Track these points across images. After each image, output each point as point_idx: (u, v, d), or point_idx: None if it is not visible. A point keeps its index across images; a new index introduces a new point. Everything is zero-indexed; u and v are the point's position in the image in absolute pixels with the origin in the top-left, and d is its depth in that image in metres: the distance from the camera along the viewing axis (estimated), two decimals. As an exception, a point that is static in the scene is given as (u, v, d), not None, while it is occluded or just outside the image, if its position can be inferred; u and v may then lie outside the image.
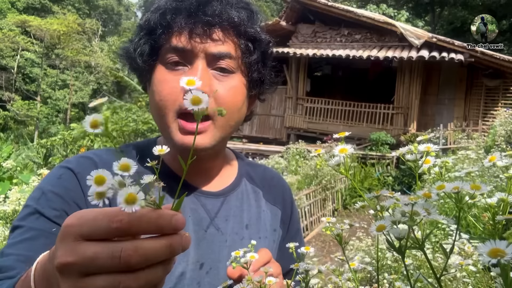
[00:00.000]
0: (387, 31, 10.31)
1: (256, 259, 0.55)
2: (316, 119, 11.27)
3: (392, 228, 0.35)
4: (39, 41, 22.47)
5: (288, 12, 11.46)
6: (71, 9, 27.63)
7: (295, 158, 8.14)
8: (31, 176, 6.26)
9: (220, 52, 0.64)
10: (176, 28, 0.63)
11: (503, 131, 6.45)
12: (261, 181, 0.83)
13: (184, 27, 0.63)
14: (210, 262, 0.69)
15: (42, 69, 23.28)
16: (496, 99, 10.22)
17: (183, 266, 0.66)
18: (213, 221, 0.71)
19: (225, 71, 0.65)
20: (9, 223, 4.13)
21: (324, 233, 5.90)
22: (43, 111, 22.02)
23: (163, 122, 0.65)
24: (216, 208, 0.72)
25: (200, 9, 0.63)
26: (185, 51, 0.64)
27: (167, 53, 0.65)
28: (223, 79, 0.65)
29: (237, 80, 0.67)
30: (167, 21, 0.63)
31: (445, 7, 21.19)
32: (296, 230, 0.88)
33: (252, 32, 0.67)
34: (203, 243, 0.70)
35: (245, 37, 0.66)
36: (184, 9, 0.63)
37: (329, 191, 6.46)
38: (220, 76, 0.65)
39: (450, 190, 0.35)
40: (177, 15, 0.63)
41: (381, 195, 0.44)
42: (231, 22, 0.64)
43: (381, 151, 9.25)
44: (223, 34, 0.64)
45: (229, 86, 0.66)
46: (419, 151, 0.42)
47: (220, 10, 0.63)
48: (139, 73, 0.71)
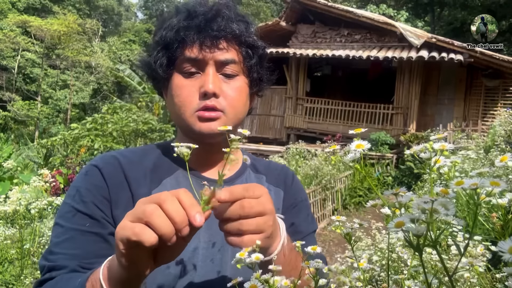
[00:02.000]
0: (387, 32, 10.32)
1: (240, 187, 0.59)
2: (316, 119, 11.29)
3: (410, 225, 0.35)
4: (40, 41, 22.49)
5: (288, 12, 11.48)
6: (72, 10, 27.66)
7: (295, 158, 8.16)
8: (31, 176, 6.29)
9: (226, 59, 0.79)
10: (189, 42, 0.77)
11: (502, 131, 6.47)
12: (264, 169, 0.95)
13: (195, 41, 0.77)
14: (221, 241, 0.77)
15: (42, 69, 23.30)
16: (496, 99, 10.24)
17: (196, 242, 0.76)
18: None
19: (230, 75, 0.80)
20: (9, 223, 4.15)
21: (324, 233, 5.90)
22: (43, 111, 22.05)
23: (183, 118, 0.79)
24: None
25: (207, 25, 0.78)
26: (198, 61, 0.78)
27: (182, 63, 0.79)
28: (229, 81, 0.80)
29: (241, 81, 0.82)
30: (181, 37, 0.78)
31: (445, 8, 21.20)
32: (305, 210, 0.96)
33: (250, 41, 0.82)
34: (214, 224, 0.76)
35: (245, 45, 0.81)
36: (194, 26, 0.78)
37: (328, 191, 6.48)
38: (227, 79, 0.80)
39: (469, 186, 0.36)
40: (189, 31, 0.77)
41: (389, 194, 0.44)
42: (233, 34, 0.79)
43: (381, 151, 9.27)
44: (227, 44, 0.79)
45: (235, 87, 0.80)
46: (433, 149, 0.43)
47: (224, 25, 0.78)
48: (157, 81, 0.85)
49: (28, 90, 23.15)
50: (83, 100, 25.39)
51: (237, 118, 0.82)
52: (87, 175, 0.78)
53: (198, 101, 0.78)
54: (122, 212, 0.72)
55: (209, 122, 0.78)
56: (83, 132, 9.49)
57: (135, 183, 0.78)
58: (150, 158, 0.84)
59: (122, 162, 0.80)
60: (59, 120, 23.97)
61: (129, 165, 0.80)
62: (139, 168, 0.80)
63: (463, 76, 10.53)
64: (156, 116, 10.83)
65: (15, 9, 24.10)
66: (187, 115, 0.79)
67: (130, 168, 0.79)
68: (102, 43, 29.47)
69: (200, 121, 0.78)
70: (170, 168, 0.83)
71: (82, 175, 0.79)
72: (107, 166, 0.78)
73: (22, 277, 3.05)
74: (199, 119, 0.78)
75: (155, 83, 0.87)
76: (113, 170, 0.78)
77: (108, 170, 0.78)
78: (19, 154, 9.93)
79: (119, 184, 0.77)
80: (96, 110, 22.42)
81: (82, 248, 0.72)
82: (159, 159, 0.84)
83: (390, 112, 10.47)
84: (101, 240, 0.73)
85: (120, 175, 0.78)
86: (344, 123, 10.91)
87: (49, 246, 0.73)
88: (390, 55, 9.69)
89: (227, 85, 0.79)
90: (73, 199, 0.75)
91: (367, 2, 21.68)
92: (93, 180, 0.76)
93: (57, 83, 24.74)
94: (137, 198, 0.74)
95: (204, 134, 0.78)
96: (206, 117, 0.77)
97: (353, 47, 10.94)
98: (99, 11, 31.98)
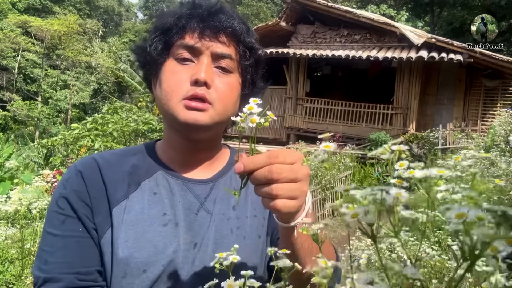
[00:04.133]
0: (387, 32, 10.34)
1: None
2: (316, 119, 11.30)
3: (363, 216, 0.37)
4: (40, 41, 22.51)
5: (288, 12, 11.49)
6: (72, 10, 27.66)
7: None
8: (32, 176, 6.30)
9: (223, 53, 0.77)
10: (189, 29, 0.76)
11: (502, 131, 6.48)
12: None
13: (196, 28, 0.76)
14: (201, 242, 0.77)
15: (43, 69, 23.32)
16: (495, 100, 10.24)
17: (175, 245, 0.75)
18: (203, 205, 0.80)
19: (224, 70, 0.78)
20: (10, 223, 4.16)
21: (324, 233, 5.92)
22: (44, 111, 22.05)
23: (169, 105, 0.76)
24: (206, 193, 0.82)
25: (210, 17, 0.77)
26: (194, 48, 0.76)
27: (178, 49, 0.77)
28: (223, 76, 0.78)
29: (234, 78, 0.80)
30: (182, 23, 0.76)
31: (445, 8, 21.21)
32: None
33: (249, 42, 0.81)
34: (195, 225, 0.78)
35: (244, 44, 0.80)
36: (196, 15, 0.77)
37: (328, 191, 6.49)
38: (220, 73, 0.78)
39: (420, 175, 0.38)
40: (191, 19, 0.77)
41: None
42: (234, 31, 0.78)
43: (381, 151, 9.26)
44: (227, 39, 0.78)
45: (227, 82, 0.78)
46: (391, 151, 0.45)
47: (226, 20, 0.77)
48: (148, 67, 0.82)
49: (29, 90, 23.17)
50: (83, 100, 25.40)
51: (225, 113, 0.78)
52: (68, 182, 0.76)
53: (187, 88, 0.74)
54: (103, 220, 0.73)
55: (195, 112, 0.74)
56: (83, 132, 9.50)
57: (112, 187, 0.75)
58: (130, 160, 0.81)
59: (101, 165, 0.78)
60: (59, 120, 23.99)
61: (108, 168, 0.78)
62: (117, 170, 0.78)
63: (463, 76, 10.54)
64: (156, 116, 10.84)
65: (15, 9, 24.10)
66: (173, 102, 0.75)
67: (108, 171, 0.77)
68: (102, 43, 29.49)
69: (187, 109, 0.74)
70: (149, 170, 0.80)
71: (64, 181, 0.77)
72: (87, 170, 0.77)
73: (23, 277, 3.06)
74: (186, 107, 0.74)
75: (146, 70, 0.83)
76: (92, 174, 0.76)
77: (88, 174, 0.76)
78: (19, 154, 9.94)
79: (99, 190, 0.75)
80: (97, 110, 22.43)
81: (78, 255, 0.71)
82: (139, 161, 0.81)
83: (389, 112, 10.48)
84: (95, 244, 0.73)
85: (99, 179, 0.76)
86: (344, 123, 10.92)
87: (42, 255, 0.71)
88: (390, 55, 9.70)
89: (220, 79, 0.77)
90: (59, 206, 0.73)
91: (367, 2, 21.69)
92: (75, 185, 0.75)
93: (57, 83, 24.75)
94: (113, 203, 0.74)
95: (189, 124, 0.74)
96: (192, 106, 0.74)
97: (352, 47, 10.96)
98: (99, 11, 31.99)
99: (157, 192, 0.78)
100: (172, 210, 0.76)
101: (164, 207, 0.76)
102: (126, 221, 0.73)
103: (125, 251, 0.71)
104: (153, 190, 0.78)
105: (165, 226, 0.75)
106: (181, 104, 0.74)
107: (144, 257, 0.71)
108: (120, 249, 0.71)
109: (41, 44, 22.60)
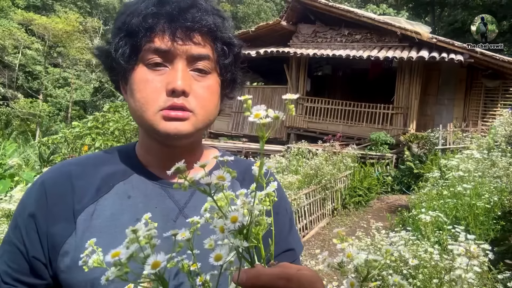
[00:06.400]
0: (387, 32, 10.34)
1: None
2: (316, 118, 11.31)
3: None
4: (41, 39, 22.52)
5: (288, 12, 11.50)
6: (73, 8, 27.64)
7: (295, 157, 8.18)
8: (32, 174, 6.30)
9: (200, 54, 0.70)
10: (159, 31, 0.67)
11: (503, 131, 6.47)
12: (241, 174, 0.81)
13: (166, 30, 0.67)
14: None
15: (44, 67, 23.33)
16: (496, 100, 10.25)
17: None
18: (183, 211, 0.73)
19: (202, 71, 0.71)
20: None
21: (323, 232, 5.93)
22: (45, 109, 22.05)
23: (145, 117, 0.69)
24: (185, 199, 0.75)
25: (181, 15, 0.68)
26: (167, 52, 0.68)
27: (148, 54, 0.68)
28: (201, 79, 0.71)
29: (213, 80, 0.73)
30: (149, 24, 0.67)
31: (445, 8, 21.20)
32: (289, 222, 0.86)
33: (227, 37, 0.73)
34: None
35: (221, 41, 0.73)
36: (165, 14, 0.68)
37: (328, 190, 6.50)
38: (198, 76, 0.71)
39: None
40: (159, 19, 0.67)
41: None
42: (209, 28, 0.70)
43: (381, 151, 9.29)
44: (202, 38, 0.70)
45: (206, 85, 0.71)
46: None
47: (199, 16, 0.69)
48: (115, 73, 0.74)
49: (30, 88, 23.16)
50: (83, 98, 25.41)
51: (207, 120, 0.73)
52: (31, 188, 0.72)
53: (164, 99, 0.68)
54: (64, 227, 0.68)
55: (176, 122, 0.68)
56: (84, 131, 9.52)
57: (82, 192, 0.70)
58: (107, 162, 0.76)
59: (73, 171, 0.73)
60: (60, 118, 23.99)
61: (80, 174, 0.73)
62: (91, 175, 0.73)
63: (463, 77, 10.55)
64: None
65: (15, 7, 24.07)
66: (149, 114, 0.68)
67: (80, 177, 0.72)
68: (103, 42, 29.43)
69: (166, 121, 0.68)
70: (126, 172, 0.75)
71: (29, 187, 0.72)
72: (52, 179, 0.72)
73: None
74: (164, 119, 0.68)
75: (113, 76, 0.76)
76: (59, 180, 0.71)
77: (52, 182, 0.71)
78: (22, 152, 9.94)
79: (62, 196, 0.70)
80: (97, 108, 22.45)
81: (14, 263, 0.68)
82: (117, 163, 0.76)
83: (390, 112, 10.49)
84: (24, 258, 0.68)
85: (65, 186, 0.71)
86: (344, 123, 10.93)
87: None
88: (391, 55, 9.71)
89: (198, 84, 0.70)
90: (17, 211, 0.71)
91: (367, 2, 21.67)
92: (34, 194, 0.71)
93: (58, 81, 24.74)
94: (79, 209, 0.69)
95: (170, 135, 0.69)
96: (172, 116, 0.68)
97: (353, 47, 10.96)
98: (100, 9, 31.95)
99: (131, 196, 0.72)
100: None
101: (138, 212, 0.69)
102: (94, 227, 0.67)
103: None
104: (127, 193, 0.72)
105: None
106: (159, 115, 0.68)
107: None
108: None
109: (42, 41, 22.61)
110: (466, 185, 3.79)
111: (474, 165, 4.42)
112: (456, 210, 3.87)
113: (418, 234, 3.24)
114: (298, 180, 6.44)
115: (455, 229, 2.45)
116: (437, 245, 2.77)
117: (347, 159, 7.53)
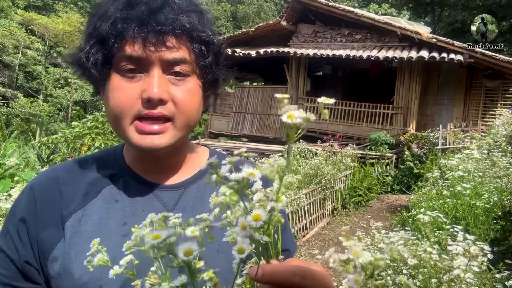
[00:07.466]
0: (387, 31, 10.34)
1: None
2: (316, 118, 11.29)
3: None
4: (41, 39, 22.53)
5: (288, 12, 11.50)
6: (73, 8, 27.64)
7: (295, 157, 8.18)
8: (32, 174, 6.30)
9: (175, 58, 0.65)
10: (129, 37, 0.63)
11: (504, 131, 6.47)
12: None
13: (137, 36, 0.63)
14: None
15: (44, 67, 23.34)
16: (496, 100, 10.25)
17: None
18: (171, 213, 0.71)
19: (180, 74, 0.67)
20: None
21: (323, 232, 5.93)
22: (45, 109, 22.07)
23: (120, 126, 0.66)
24: (174, 200, 0.73)
25: (151, 17, 0.63)
26: (140, 60, 0.64)
27: (121, 61, 0.65)
28: (179, 83, 0.67)
29: (193, 83, 0.69)
30: (118, 30, 0.63)
31: (445, 8, 21.21)
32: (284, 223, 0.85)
33: (204, 36, 0.68)
34: None
35: (198, 41, 0.68)
36: (135, 18, 0.63)
37: (328, 190, 6.50)
38: (176, 80, 0.67)
39: None
40: (128, 24, 0.63)
41: None
42: (183, 29, 0.65)
43: (381, 151, 9.29)
44: (176, 41, 0.65)
45: (185, 89, 0.67)
46: None
47: (172, 17, 0.64)
48: (92, 80, 0.70)
49: (30, 88, 23.18)
50: (83, 98, 25.41)
51: (188, 125, 0.70)
52: (22, 195, 0.71)
53: (139, 108, 0.64)
54: (52, 233, 0.67)
55: (151, 136, 0.65)
56: (84, 131, 9.52)
57: (70, 198, 0.69)
58: (94, 167, 0.74)
59: (61, 177, 0.71)
60: (60, 118, 24.00)
61: (68, 179, 0.71)
62: (79, 180, 0.71)
63: (463, 77, 10.55)
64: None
65: (15, 7, 24.08)
66: (124, 124, 0.65)
67: (68, 182, 0.71)
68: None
69: (140, 134, 0.65)
70: (113, 175, 0.73)
71: (13, 208, 0.71)
72: (40, 186, 0.71)
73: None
74: (138, 132, 0.65)
75: (91, 82, 0.72)
76: (47, 186, 0.70)
77: (40, 188, 0.70)
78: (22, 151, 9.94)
79: (50, 202, 0.68)
80: (97, 108, 22.47)
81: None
82: (103, 168, 0.74)
83: (390, 112, 10.50)
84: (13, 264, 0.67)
85: (53, 192, 0.69)
86: (344, 123, 10.94)
87: None
88: (391, 55, 9.71)
89: (177, 88, 0.66)
90: (4, 239, 0.69)
91: (368, 2, 21.68)
92: (24, 200, 0.69)
93: (58, 81, 24.75)
94: (66, 215, 0.68)
95: (145, 149, 0.66)
96: (146, 131, 0.64)
97: (353, 47, 10.96)
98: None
99: (119, 200, 0.70)
100: (134, 219, 0.68)
101: (125, 216, 0.69)
102: (82, 232, 0.66)
103: (80, 266, 0.63)
104: (115, 197, 0.71)
105: (125, 236, 0.66)
106: (132, 127, 0.65)
107: (99, 272, 0.60)
108: (74, 264, 0.64)
109: (42, 41, 22.63)
110: (466, 185, 3.79)
111: (474, 165, 4.42)
112: (456, 210, 3.87)
113: (417, 234, 3.24)
114: (298, 180, 6.44)
115: (454, 229, 2.45)
116: (437, 245, 2.77)
117: (347, 159, 7.52)
